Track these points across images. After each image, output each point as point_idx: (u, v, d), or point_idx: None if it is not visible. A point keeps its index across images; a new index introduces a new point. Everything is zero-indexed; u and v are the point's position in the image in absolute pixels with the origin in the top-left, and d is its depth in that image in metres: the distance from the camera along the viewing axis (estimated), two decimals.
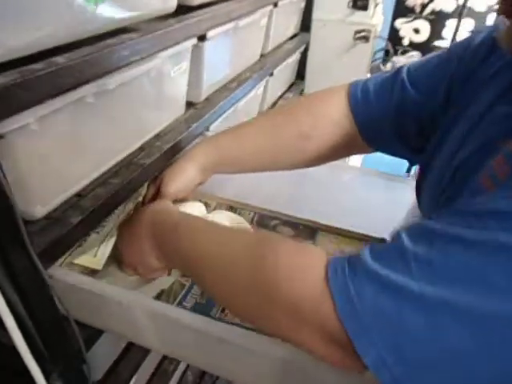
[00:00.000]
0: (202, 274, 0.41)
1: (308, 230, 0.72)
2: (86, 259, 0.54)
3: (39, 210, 0.42)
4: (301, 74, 1.47)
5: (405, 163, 0.59)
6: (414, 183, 0.65)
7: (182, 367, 0.86)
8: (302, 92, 1.47)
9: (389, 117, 0.52)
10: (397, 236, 0.32)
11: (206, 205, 0.75)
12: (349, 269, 0.30)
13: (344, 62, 1.42)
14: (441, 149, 0.46)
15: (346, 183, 0.68)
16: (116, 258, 0.55)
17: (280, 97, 1.30)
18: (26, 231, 0.41)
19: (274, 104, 1.24)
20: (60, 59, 0.37)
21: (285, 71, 1.24)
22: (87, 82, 0.40)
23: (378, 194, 0.66)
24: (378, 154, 0.60)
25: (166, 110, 0.62)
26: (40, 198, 0.42)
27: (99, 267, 0.54)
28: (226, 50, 0.77)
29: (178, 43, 0.56)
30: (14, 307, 0.40)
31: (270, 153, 0.59)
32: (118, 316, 0.47)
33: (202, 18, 0.60)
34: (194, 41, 0.61)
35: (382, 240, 0.69)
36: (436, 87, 0.49)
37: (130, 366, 0.61)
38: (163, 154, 0.58)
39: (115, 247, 0.54)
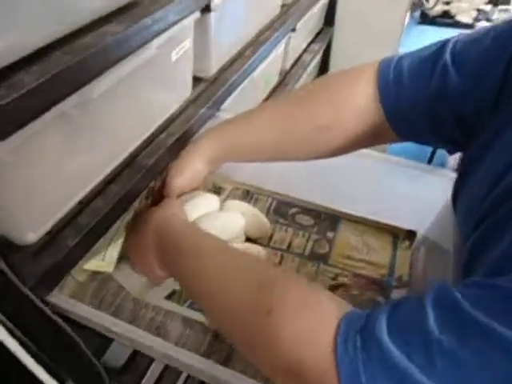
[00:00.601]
0: (202, 304, 0.39)
1: (329, 220, 0.67)
2: (95, 264, 0.52)
3: (31, 237, 0.39)
4: (329, 19, 1.32)
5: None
6: (442, 174, 0.58)
7: None
8: (330, 42, 1.33)
9: (424, 105, 0.43)
10: (420, 305, 0.26)
11: (220, 189, 0.71)
12: (362, 346, 0.26)
13: (379, 4, 1.25)
14: (485, 157, 0.38)
15: (371, 171, 0.61)
16: (127, 256, 0.54)
17: (305, 50, 1.18)
18: (19, 257, 0.39)
19: (298, 60, 1.13)
20: (27, 78, 0.31)
21: (310, 21, 1.11)
22: (66, 96, 0.35)
23: (405, 184, 0.59)
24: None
25: (170, 96, 0.56)
26: (31, 225, 0.39)
27: (110, 269, 0.53)
28: (237, 14, 0.67)
29: (175, 24, 0.48)
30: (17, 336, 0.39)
31: (284, 147, 0.53)
32: None
33: None
34: (197, 15, 0.52)
35: (410, 232, 0.63)
36: (486, 75, 0.39)
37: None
38: (168, 148, 0.53)
39: (124, 246, 0.53)
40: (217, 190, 0.71)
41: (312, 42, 1.23)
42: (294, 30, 0.94)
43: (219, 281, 0.37)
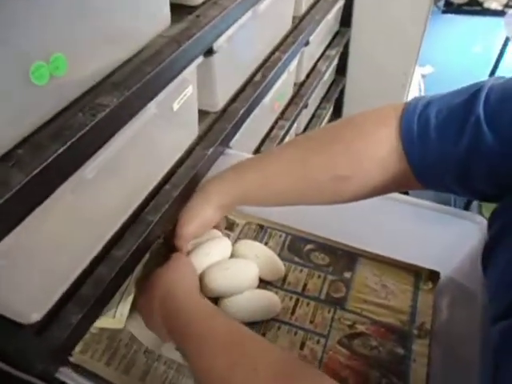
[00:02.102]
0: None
1: (346, 257, 0.64)
2: (106, 321, 0.52)
3: (35, 316, 0.38)
4: (346, 20, 1.25)
5: None
6: (467, 216, 0.54)
7: None
8: (347, 45, 1.27)
9: (453, 163, 0.39)
10: None
11: (233, 224, 0.69)
12: None
13: (399, 2, 1.18)
14: None
15: (392, 210, 0.57)
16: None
17: (320, 57, 1.13)
18: (23, 338, 0.39)
19: (313, 69, 1.08)
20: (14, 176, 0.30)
21: (325, 28, 1.05)
22: (57, 186, 0.33)
23: (426, 225, 0.55)
24: None
25: (174, 145, 0.54)
26: (34, 306, 0.38)
27: (120, 326, 0.52)
28: (244, 46, 0.63)
29: (176, 76, 0.45)
30: None
31: (300, 194, 0.50)
32: None
33: (203, 31, 0.48)
34: (200, 59, 0.49)
35: (434, 272, 0.59)
36: None
37: None
38: (174, 201, 0.51)
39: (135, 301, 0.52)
40: (229, 225, 0.69)
41: (328, 46, 1.18)
42: (307, 43, 0.90)
43: (225, 366, 0.36)
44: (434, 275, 0.59)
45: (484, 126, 0.36)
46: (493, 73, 1.93)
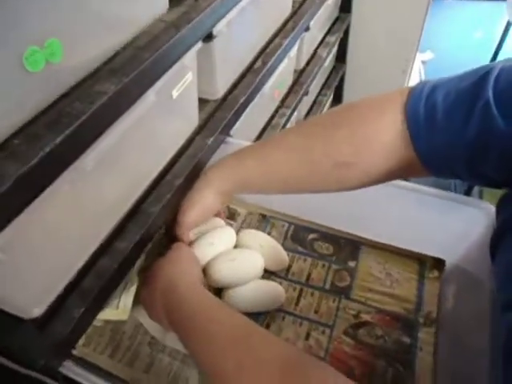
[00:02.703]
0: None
1: (349, 246, 0.63)
2: (109, 313, 0.51)
3: (36, 311, 0.38)
4: (346, 5, 1.23)
5: None
6: (472, 202, 0.53)
7: None
8: (347, 31, 1.25)
9: (462, 148, 0.38)
10: None
11: (235, 214, 0.68)
12: None
13: None
14: None
15: (396, 198, 0.56)
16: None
17: (320, 44, 1.11)
18: (25, 332, 0.38)
19: (313, 57, 1.06)
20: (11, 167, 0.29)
21: (325, 13, 1.03)
22: (55, 178, 0.32)
23: (431, 212, 0.54)
24: None
25: (173, 134, 0.52)
26: (35, 301, 0.37)
27: (124, 317, 0.52)
28: (244, 31, 0.62)
29: (175, 62, 0.44)
30: None
31: (302, 181, 0.49)
32: None
33: (203, 15, 0.46)
34: (199, 45, 0.48)
35: (439, 260, 0.59)
36: None
37: None
38: (176, 191, 0.50)
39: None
40: (231, 215, 0.68)
41: (327, 33, 1.16)
42: (307, 29, 0.88)
43: (231, 360, 0.35)
44: (439, 263, 0.59)
45: (494, 109, 0.35)
46: (494, 58, 1.90)
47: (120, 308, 0.51)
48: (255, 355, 0.35)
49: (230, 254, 0.54)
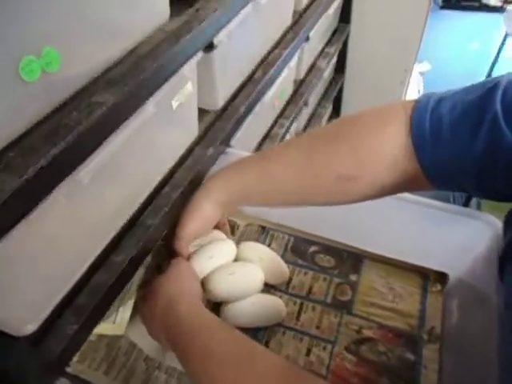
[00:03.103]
0: None
1: (351, 259, 0.62)
2: (105, 327, 0.50)
3: (30, 328, 0.36)
4: (345, 16, 1.23)
5: None
6: (475, 215, 0.52)
7: None
8: (346, 41, 1.25)
9: (469, 161, 0.37)
10: None
11: (234, 226, 0.67)
12: None
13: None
14: None
15: (398, 210, 0.55)
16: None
17: (319, 55, 1.11)
18: (18, 350, 0.36)
19: (312, 67, 1.06)
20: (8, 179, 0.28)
21: (324, 24, 1.03)
22: (50, 191, 0.31)
23: (434, 225, 0.54)
24: None
25: (172, 145, 0.52)
26: (28, 317, 0.36)
27: (120, 332, 0.50)
28: (244, 41, 0.61)
29: (175, 72, 0.43)
30: None
31: (304, 195, 0.48)
32: None
33: (204, 25, 0.45)
34: (199, 55, 0.47)
35: (442, 274, 0.58)
36: None
37: None
38: (174, 203, 0.49)
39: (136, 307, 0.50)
40: (230, 228, 0.67)
41: (327, 43, 1.16)
42: (307, 39, 0.88)
43: (227, 376, 0.34)
44: (442, 277, 0.57)
45: (502, 122, 0.34)
46: (491, 69, 1.92)
47: (117, 323, 0.50)
48: (255, 374, 0.34)
49: (229, 267, 0.53)
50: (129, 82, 0.36)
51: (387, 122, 0.42)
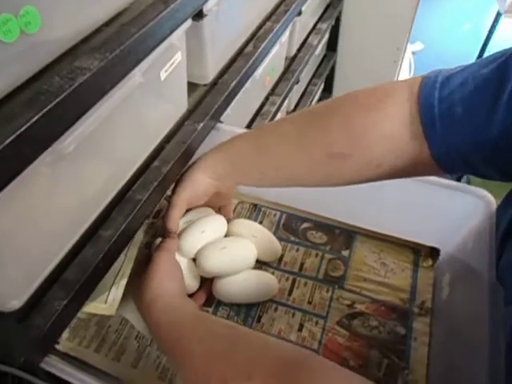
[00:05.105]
0: None
1: (344, 236, 0.62)
2: (96, 306, 0.48)
3: (15, 304, 0.35)
4: None
5: None
6: (467, 189, 0.51)
7: None
8: (338, 18, 1.22)
9: (486, 141, 0.34)
10: None
11: None
12: None
13: None
14: None
15: (390, 185, 0.55)
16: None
17: (311, 30, 1.09)
18: (4, 326, 0.36)
19: (304, 43, 1.03)
20: None
21: None
22: (32, 160, 0.29)
23: (425, 199, 0.53)
24: None
25: (161, 118, 0.50)
26: (13, 292, 0.35)
27: (112, 313, 0.49)
28: (234, 10, 0.59)
29: (163, 40, 0.41)
30: None
31: (294, 170, 0.47)
32: None
33: None
34: (188, 23, 0.45)
35: (434, 249, 0.58)
36: None
37: None
38: (164, 178, 0.48)
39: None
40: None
41: (319, 20, 1.13)
42: (299, 13, 0.85)
43: (211, 376, 0.33)
44: (433, 252, 0.58)
45: None
46: (483, 49, 1.90)
47: (108, 303, 0.49)
48: (245, 368, 0.32)
49: (222, 242, 0.52)
50: (114, 48, 0.35)
51: (387, 99, 0.39)
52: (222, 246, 0.51)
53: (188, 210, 0.53)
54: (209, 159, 0.50)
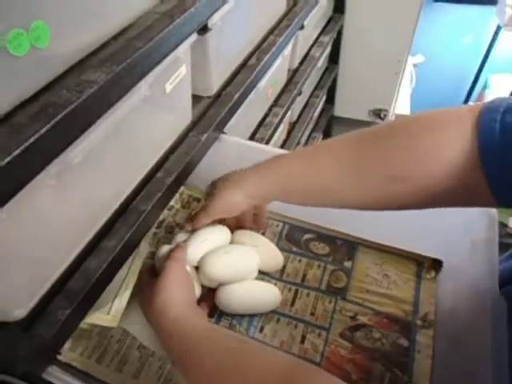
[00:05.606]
0: None
1: (346, 247, 0.61)
2: (98, 317, 0.48)
3: (20, 313, 0.35)
4: (339, 6, 1.22)
5: None
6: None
7: None
8: (340, 31, 1.24)
9: None
10: None
11: None
12: None
13: None
14: None
15: None
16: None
17: (313, 44, 1.10)
18: (8, 335, 0.36)
19: (306, 56, 1.05)
20: None
21: (319, 13, 1.02)
22: (39, 171, 0.30)
23: (431, 212, 0.53)
24: None
25: (166, 130, 0.51)
26: (18, 302, 0.35)
27: (114, 325, 0.49)
28: (239, 25, 0.60)
29: (168, 54, 0.42)
30: None
31: (349, 193, 0.44)
32: None
33: (198, 6, 0.44)
34: (193, 37, 0.46)
35: (437, 261, 0.58)
36: None
37: None
38: (167, 188, 0.48)
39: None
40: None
41: (321, 33, 1.15)
42: (302, 27, 0.87)
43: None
44: (436, 264, 0.57)
45: None
46: (483, 62, 1.92)
47: (111, 314, 0.49)
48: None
49: (225, 247, 0.53)
50: (121, 61, 0.35)
51: (449, 124, 0.38)
52: (225, 250, 0.52)
53: None
54: (251, 180, 0.47)
